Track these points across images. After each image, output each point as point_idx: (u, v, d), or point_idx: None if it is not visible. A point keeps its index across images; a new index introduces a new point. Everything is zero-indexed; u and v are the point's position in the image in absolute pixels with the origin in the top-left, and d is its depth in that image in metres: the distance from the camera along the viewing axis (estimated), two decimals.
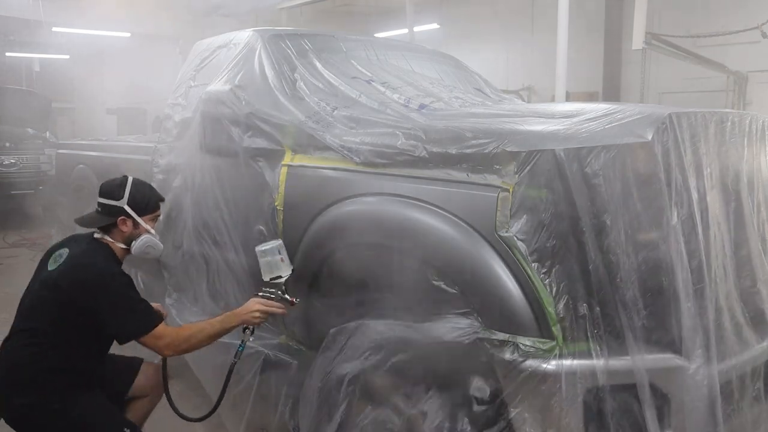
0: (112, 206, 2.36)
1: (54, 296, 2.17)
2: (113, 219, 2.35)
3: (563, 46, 5.25)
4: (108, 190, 2.39)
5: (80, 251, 2.27)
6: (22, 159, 8.95)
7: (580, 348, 1.74)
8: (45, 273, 2.26)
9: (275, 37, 3.02)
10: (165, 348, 2.23)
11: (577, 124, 1.86)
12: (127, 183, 2.40)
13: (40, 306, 2.21)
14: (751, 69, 8.06)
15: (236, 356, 2.47)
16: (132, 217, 2.36)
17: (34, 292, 2.25)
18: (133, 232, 2.37)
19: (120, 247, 2.37)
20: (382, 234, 2.12)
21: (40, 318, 2.19)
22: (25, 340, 2.18)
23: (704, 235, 1.84)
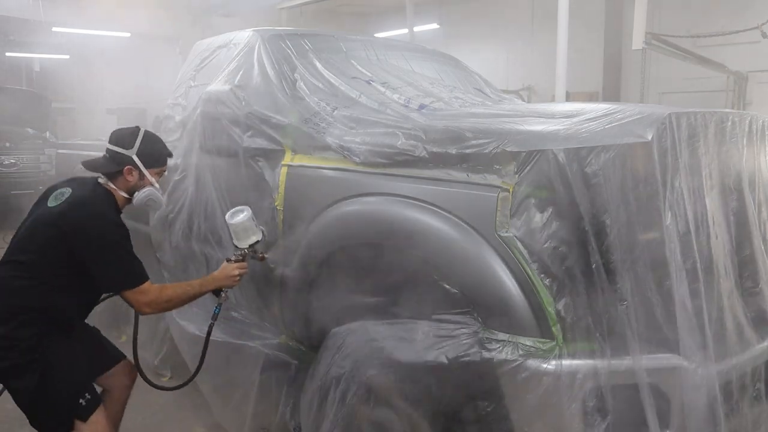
0: (121, 154, 2.36)
1: (49, 233, 2.16)
2: (120, 167, 2.35)
3: (563, 46, 5.25)
4: (119, 138, 2.40)
5: (83, 194, 2.26)
6: (22, 159, 8.94)
7: (580, 348, 1.74)
8: (44, 209, 2.25)
9: (275, 37, 3.02)
10: (145, 305, 2.25)
11: (577, 124, 1.86)
12: (139, 133, 2.41)
13: (34, 241, 2.19)
14: (751, 69, 8.06)
15: (214, 318, 2.56)
16: (139, 168, 2.37)
17: (30, 226, 2.25)
18: (137, 183, 2.39)
19: (122, 195, 2.37)
20: (382, 234, 2.12)
21: (31, 253, 2.18)
22: (13, 272, 2.17)
23: (704, 235, 1.83)
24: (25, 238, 2.23)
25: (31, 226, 2.24)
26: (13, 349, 2.12)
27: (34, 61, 13.39)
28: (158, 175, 2.47)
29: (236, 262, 2.49)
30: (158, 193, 2.45)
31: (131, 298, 2.23)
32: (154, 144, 2.46)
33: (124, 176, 2.36)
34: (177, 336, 3.14)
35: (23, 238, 2.24)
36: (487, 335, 1.80)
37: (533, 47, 10.46)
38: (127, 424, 2.61)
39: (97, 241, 2.16)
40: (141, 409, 3.27)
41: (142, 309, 2.27)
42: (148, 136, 2.44)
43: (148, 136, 2.44)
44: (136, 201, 2.40)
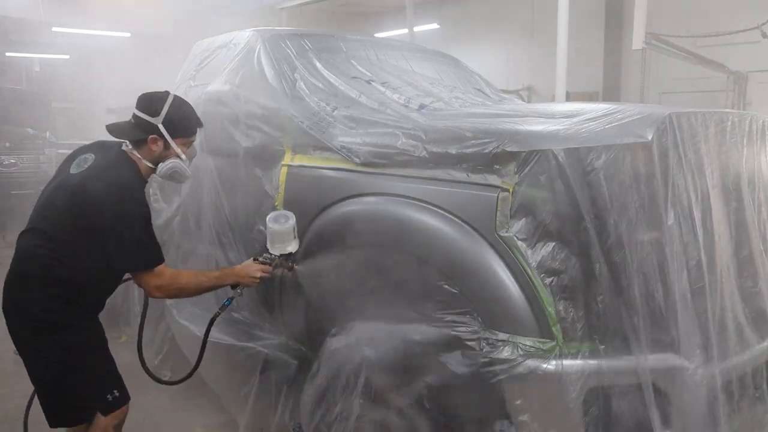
0: (146, 122, 2.24)
1: (69, 201, 2.10)
2: (145, 135, 2.24)
3: (563, 46, 5.25)
4: (146, 103, 2.28)
5: (106, 162, 2.17)
6: (22, 159, 8.93)
7: (580, 348, 1.74)
8: (66, 175, 2.17)
9: (275, 37, 3.02)
10: (156, 288, 2.17)
11: (577, 124, 1.86)
12: (168, 99, 2.28)
13: (54, 208, 2.13)
14: (751, 69, 8.05)
15: (222, 308, 2.50)
16: (164, 138, 2.25)
17: (51, 193, 2.17)
18: (162, 153, 2.27)
19: (146, 165, 2.26)
20: (382, 234, 2.12)
21: (51, 220, 2.12)
22: (36, 240, 2.12)
23: (704, 235, 1.83)
24: (46, 205, 2.16)
25: (53, 192, 2.17)
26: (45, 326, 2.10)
27: (34, 61, 13.39)
28: (185, 146, 2.33)
29: (262, 263, 2.40)
30: (184, 165, 2.32)
31: (143, 280, 2.16)
32: (183, 112, 2.32)
33: (149, 145, 2.24)
34: (179, 336, 3.13)
35: (44, 206, 2.17)
36: (487, 335, 1.80)
37: (533, 47, 10.45)
38: (126, 423, 2.60)
39: (115, 215, 2.06)
40: (141, 410, 3.27)
41: (153, 292, 2.19)
42: (177, 102, 2.30)
43: (177, 103, 2.30)
44: (160, 173, 2.28)
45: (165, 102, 2.26)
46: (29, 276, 2.12)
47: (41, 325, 2.11)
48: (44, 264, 2.10)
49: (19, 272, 2.14)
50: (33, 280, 2.11)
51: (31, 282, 2.11)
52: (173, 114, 2.27)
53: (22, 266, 2.15)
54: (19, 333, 2.15)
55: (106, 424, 2.22)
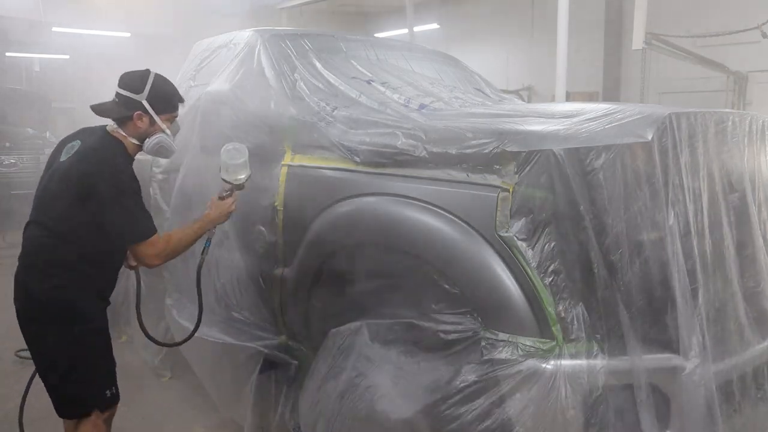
0: (130, 99, 2.29)
1: (63, 187, 2.15)
2: (129, 112, 2.28)
3: (563, 46, 5.25)
4: (128, 82, 2.32)
5: (92, 144, 2.22)
6: (22, 159, 8.94)
7: (580, 348, 1.74)
8: (57, 164, 2.24)
9: (275, 37, 3.02)
10: (155, 257, 2.24)
11: (577, 124, 1.86)
12: (149, 77, 2.32)
13: (50, 197, 2.19)
14: (751, 69, 8.05)
15: (204, 252, 2.56)
16: (149, 114, 2.30)
17: (46, 183, 2.24)
18: (148, 130, 2.32)
19: (132, 142, 2.31)
20: (382, 234, 2.12)
21: (50, 210, 2.19)
22: (40, 231, 2.19)
23: (704, 236, 1.84)
24: (43, 196, 2.23)
25: (47, 183, 2.23)
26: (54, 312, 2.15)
27: (34, 61, 13.38)
28: (169, 122, 2.39)
29: (227, 197, 2.49)
30: (170, 139, 2.38)
31: (140, 251, 2.21)
32: (166, 88, 2.38)
33: (134, 122, 2.29)
34: (179, 337, 3.13)
35: (40, 197, 2.24)
36: (488, 335, 1.80)
37: (533, 47, 10.45)
38: (126, 423, 2.61)
39: (107, 191, 2.12)
40: (140, 409, 3.27)
41: (152, 260, 2.24)
42: (159, 79, 2.35)
43: (159, 80, 2.35)
44: (147, 148, 2.34)
45: (147, 79, 2.31)
46: (37, 265, 2.18)
47: (52, 312, 2.16)
48: (49, 251, 2.17)
49: (27, 264, 2.21)
50: (41, 269, 2.17)
51: (39, 271, 2.17)
52: (156, 90, 2.32)
53: (30, 258, 2.21)
54: (30, 326, 2.19)
55: (99, 418, 2.26)
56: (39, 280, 2.17)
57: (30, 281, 2.19)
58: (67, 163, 2.19)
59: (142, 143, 2.33)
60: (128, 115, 2.29)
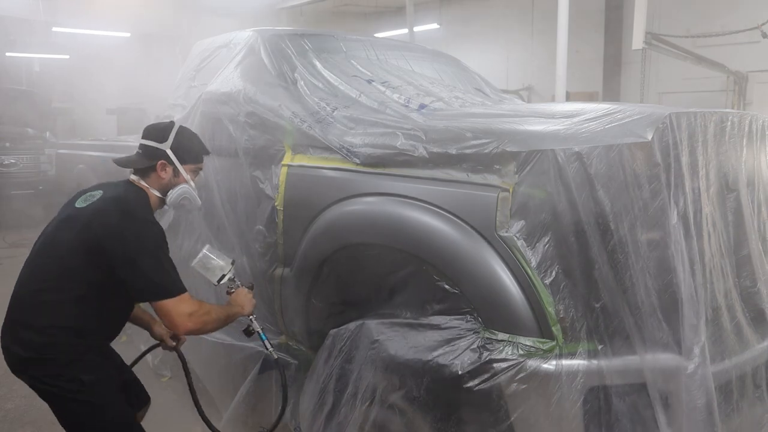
0: (154, 148, 2.21)
1: (80, 236, 1.98)
2: (153, 162, 2.20)
3: (563, 46, 5.25)
4: (152, 132, 2.26)
5: (116, 194, 2.10)
6: (22, 159, 8.95)
7: (580, 348, 1.74)
8: (71, 210, 2.07)
9: (275, 37, 3.02)
10: (188, 316, 1.97)
11: (577, 124, 1.86)
12: (173, 127, 2.27)
13: (61, 245, 2.00)
14: (751, 69, 8.05)
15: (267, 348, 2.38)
16: (173, 164, 2.21)
17: (56, 229, 2.06)
18: (171, 181, 2.23)
19: (155, 195, 2.21)
20: (382, 234, 2.12)
21: (58, 258, 1.99)
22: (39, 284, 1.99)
23: (704, 235, 1.83)
24: (51, 243, 2.04)
25: (58, 228, 2.06)
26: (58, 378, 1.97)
27: (34, 61, 13.39)
28: (194, 173, 2.30)
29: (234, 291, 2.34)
30: (194, 192, 2.27)
31: (171, 309, 1.96)
32: (190, 138, 2.32)
33: (158, 172, 2.20)
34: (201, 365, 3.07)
35: (48, 244, 2.05)
36: (488, 335, 1.81)
37: (533, 47, 10.46)
38: None
39: (133, 243, 1.95)
40: None
41: (184, 322, 1.97)
42: (183, 130, 2.30)
43: (183, 131, 2.30)
44: (170, 200, 2.22)
45: (171, 129, 2.26)
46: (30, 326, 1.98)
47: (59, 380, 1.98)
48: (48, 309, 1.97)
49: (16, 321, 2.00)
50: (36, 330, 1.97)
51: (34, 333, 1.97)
52: (181, 139, 2.26)
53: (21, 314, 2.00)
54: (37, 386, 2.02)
55: None
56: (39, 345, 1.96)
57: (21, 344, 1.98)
58: (88, 211, 2.02)
59: (164, 196, 2.22)
60: (151, 165, 2.20)
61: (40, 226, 2.23)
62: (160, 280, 1.97)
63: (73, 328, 1.98)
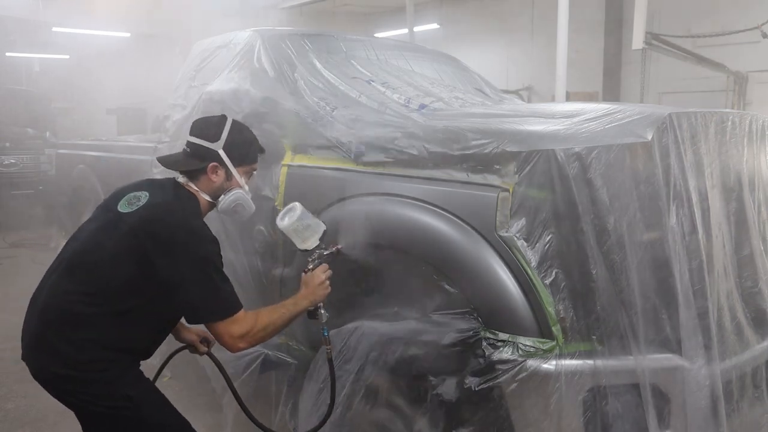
0: (204, 148, 1.98)
1: (123, 246, 1.78)
2: (203, 164, 1.97)
3: (563, 46, 5.25)
4: (202, 129, 2.02)
5: (165, 198, 1.89)
6: (22, 159, 8.95)
7: (579, 348, 1.74)
8: (113, 214, 1.85)
9: (275, 37, 3.02)
10: (240, 339, 1.83)
11: (577, 124, 1.86)
12: (226, 123, 2.02)
13: (102, 254, 1.80)
14: (751, 69, 8.05)
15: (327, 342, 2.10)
16: (225, 166, 1.99)
17: (96, 235, 1.85)
18: (223, 184, 2.00)
19: (205, 199, 1.99)
20: (382, 234, 2.12)
21: (96, 268, 1.79)
22: (73, 296, 1.78)
23: (704, 236, 1.83)
24: (90, 250, 1.83)
25: (98, 234, 1.85)
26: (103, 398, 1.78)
27: (34, 61, 13.40)
28: (247, 175, 2.08)
29: (313, 269, 2.09)
30: (248, 197, 2.06)
31: (223, 331, 1.82)
32: (245, 136, 2.07)
33: (208, 175, 1.97)
34: None
35: (86, 251, 1.84)
36: (488, 335, 1.81)
37: (533, 47, 10.46)
38: None
39: (182, 259, 1.77)
40: None
41: (236, 344, 1.84)
42: (237, 125, 2.06)
43: (237, 127, 2.05)
44: (222, 207, 2.00)
45: (224, 125, 2.02)
46: (66, 339, 1.77)
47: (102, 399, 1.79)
48: (87, 322, 1.77)
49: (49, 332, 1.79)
50: (74, 344, 1.77)
51: (72, 348, 1.76)
52: (234, 138, 2.01)
53: (54, 325, 1.79)
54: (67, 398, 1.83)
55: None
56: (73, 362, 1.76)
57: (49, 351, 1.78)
58: (134, 217, 1.81)
59: (215, 200, 2.01)
60: (201, 168, 1.98)
61: (40, 226, 2.20)
62: (212, 302, 1.82)
63: (115, 342, 1.80)
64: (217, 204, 2.02)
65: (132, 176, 3.02)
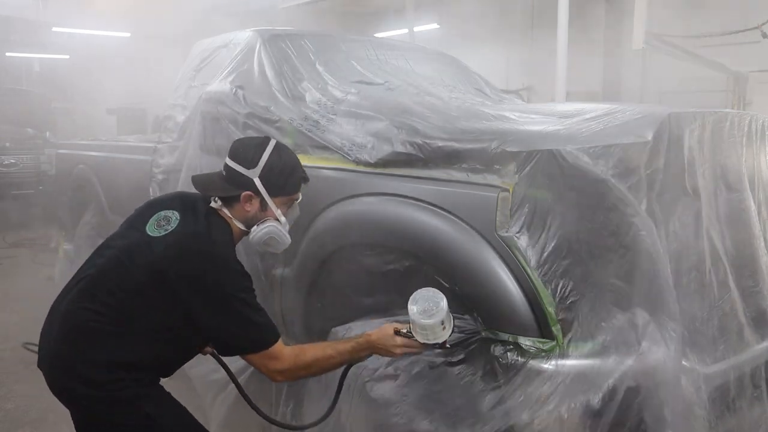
0: (240, 175, 1.85)
1: (150, 274, 1.71)
2: (237, 191, 1.85)
3: (563, 46, 5.26)
4: (240, 152, 1.89)
5: (195, 226, 1.77)
6: (22, 159, 8.95)
7: (580, 348, 1.74)
8: (142, 237, 1.77)
9: (275, 37, 3.02)
10: (278, 373, 1.77)
11: (577, 124, 1.86)
12: (267, 147, 1.88)
13: (126, 277, 1.72)
14: (751, 69, 8.05)
15: None
16: (260, 196, 1.86)
17: (122, 256, 1.76)
18: (258, 214, 1.88)
19: (238, 227, 1.88)
20: (382, 234, 2.12)
21: (119, 291, 1.71)
22: (93, 316, 1.70)
23: (705, 235, 1.84)
24: (115, 269, 1.74)
25: (124, 255, 1.75)
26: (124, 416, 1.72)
27: (34, 61, 13.41)
28: (286, 206, 1.94)
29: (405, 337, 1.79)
30: (283, 230, 1.91)
31: (259, 364, 1.76)
32: (285, 163, 1.91)
33: (242, 204, 1.85)
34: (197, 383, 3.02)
35: (111, 269, 1.75)
36: (488, 335, 1.81)
37: (533, 47, 10.46)
38: None
39: (214, 294, 1.70)
40: None
41: (275, 377, 1.79)
42: (278, 152, 1.90)
43: (278, 153, 1.90)
44: (254, 239, 1.89)
45: (264, 149, 1.88)
46: (90, 361, 1.70)
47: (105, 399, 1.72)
48: (113, 343, 1.70)
49: (71, 352, 1.71)
50: (98, 366, 1.70)
51: (96, 370, 1.70)
52: (273, 164, 1.87)
53: (77, 345, 1.71)
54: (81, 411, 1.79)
55: None
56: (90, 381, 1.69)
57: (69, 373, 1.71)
58: (161, 245, 1.72)
59: (248, 229, 1.89)
60: (235, 195, 1.86)
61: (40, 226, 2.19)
62: (243, 338, 1.75)
63: (137, 363, 1.73)
64: (250, 234, 1.91)
65: (132, 176, 3.05)
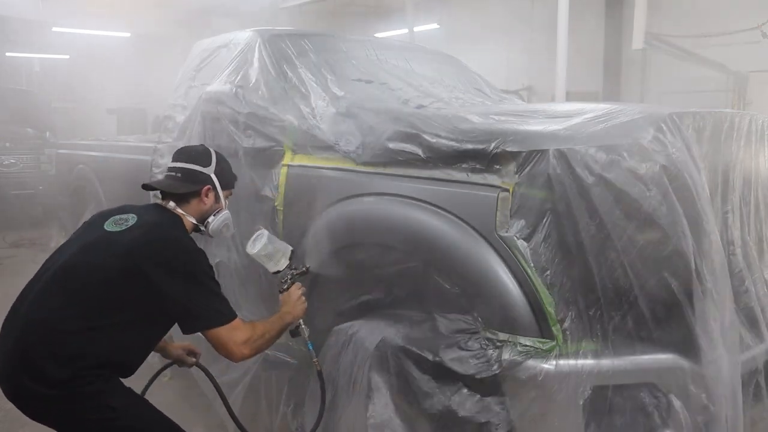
0: (199, 173, 2.12)
1: (120, 265, 1.82)
2: (197, 187, 2.11)
3: (563, 46, 5.26)
4: (193, 155, 2.16)
5: (155, 220, 1.98)
6: (22, 159, 8.95)
7: (579, 348, 1.74)
8: (101, 234, 1.90)
9: (275, 37, 3.02)
10: (242, 344, 1.92)
11: (577, 124, 1.86)
12: (212, 151, 2.21)
13: (92, 273, 1.83)
14: (751, 69, 8.05)
15: (316, 357, 2.24)
16: (215, 189, 2.15)
17: (84, 255, 1.87)
18: (211, 207, 2.15)
19: (190, 222, 2.11)
20: (382, 234, 2.12)
21: (86, 287, 1.81)
22: (60, 312, 1.78)
23: (705, 236, 1.83)
24: (78, 267, 1.85)
25: (86, 252, 1.88)
26: (89, 411, 1.78)
27: (34, 61, 13.41)
28: (227, 199, 2.26)
29: (288, 288, 2.28)
30: (231, 218, 2.24)
31: (224, 337, 1.89)
32: (227, 162, 2.27)
33: (201, 198, 2.12)
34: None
35: (74, 267, 1.85)
36: (488, 335, 1.81)
37: (533, 47, 10.45)
38: None
39: (182, 273, 1.86)
40: None
41: (240, 349, 1.92)
42: (219, 155, 2.25)
43: (220, 155, 2.25)
44: (213, 227, 2.15)
45: (211, 152, 2.21)
46: (53, 356, 1.75)
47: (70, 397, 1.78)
48: (75, 338, 1.77)
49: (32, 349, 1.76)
50: (59, 361, 1.75)
51: (57, 366, 1.75)
52: (221, 164, 2.22)
53: (39, 342, 1.76)
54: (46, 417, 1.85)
55: None
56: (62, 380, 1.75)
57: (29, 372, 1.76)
58: (125, 237, 1.87)
59: (200, 223, 2.14)
60: (195, 191, 2.11)
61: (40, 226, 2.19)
62: (213, 310, 1.91)
63: (102, 358, 1.81)
64: (202, 225, 2.15)
65: (132, 176, 3.05)
